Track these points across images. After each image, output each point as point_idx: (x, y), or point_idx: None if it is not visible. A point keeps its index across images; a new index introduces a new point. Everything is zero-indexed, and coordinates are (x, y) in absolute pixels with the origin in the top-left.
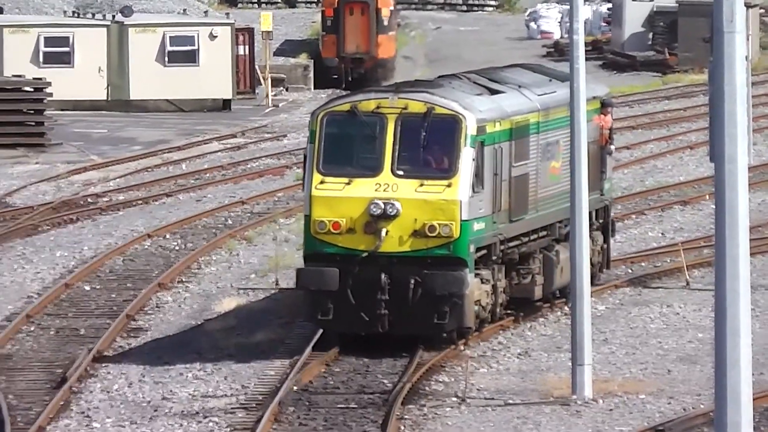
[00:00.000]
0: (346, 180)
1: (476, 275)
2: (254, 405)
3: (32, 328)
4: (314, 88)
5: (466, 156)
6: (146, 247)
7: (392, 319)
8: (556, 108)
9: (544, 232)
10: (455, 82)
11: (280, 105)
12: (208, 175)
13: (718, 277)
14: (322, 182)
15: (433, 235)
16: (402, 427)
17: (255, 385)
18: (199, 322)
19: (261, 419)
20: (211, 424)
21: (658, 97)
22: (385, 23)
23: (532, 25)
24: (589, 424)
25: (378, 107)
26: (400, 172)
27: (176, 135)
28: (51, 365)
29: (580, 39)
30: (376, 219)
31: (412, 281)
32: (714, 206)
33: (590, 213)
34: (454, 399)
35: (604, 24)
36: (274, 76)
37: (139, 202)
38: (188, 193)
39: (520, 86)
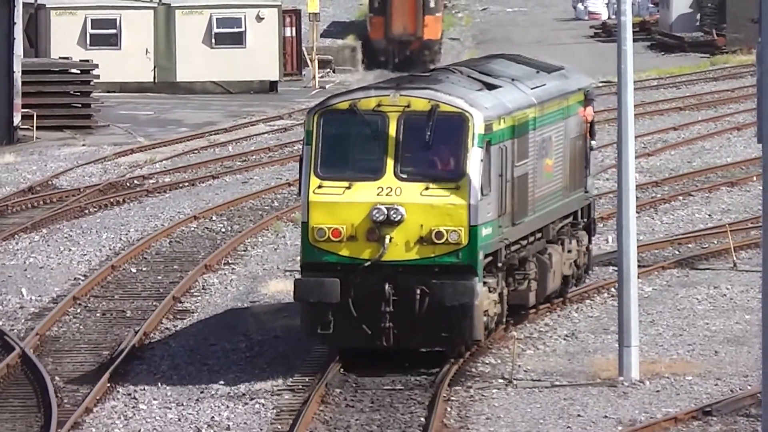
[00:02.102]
0: (346, 184)
1: (484, 284)
2: (301, 387)
3: (79, 311)
4: (363, 70)
5: (475, 156)
6: (192, 229)
7: (397, 333)
8: (549, 102)
9: (539, 234)
10: (452, 76)
11: (327, 87)
12: (254, 156)
13: (765, 259)
14: (320, 186)
15: (441, 241)
16: (449, 409)
17: (301, 367)
18: (246, 304)
19: (308, 401)
20: (257, 406)
21: (706, 78)
22: (432, 4)
23: (580, 6)
24: (636, 405)
25: (379, 105)
26: (404, 175)
27: (223, 117)
28: (97, 347)
29: (628, 20)
30: (379, 225)
31: (419, 292)
32: (762, 187)
33: (575, 212)
34: (501, 381)
35: (652, 5)
36: (321, 58)
37: (186, 184)
38: (235, 175)
39: (513, 80)
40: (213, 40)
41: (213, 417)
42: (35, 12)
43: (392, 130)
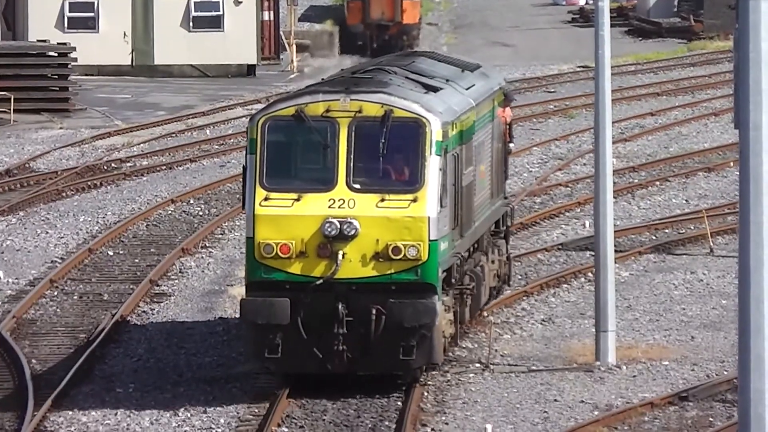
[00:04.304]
0: (294, 196)
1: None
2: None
3: (56, 293)
4: (339, 55)
5: (433, 165)
6: (170, 212)
7: (351, 356)
8: (482, 104)
9: (476, 246)
10: (394, 77)
11: (305, 71)
12: (232, 140)
13: (742, 244)
14: (266, 199)
15: (398, 257)
16: (425, 393)
17: None
18: (223, 288)
19: (283, 385)
20: (234, 389)
21: (683, 63)
22: None
23: None
24: (612, 390)
25: (328, 111)
26: (357, 186)
27: (201, 100)
28: (74, 330)
29: (606, 5)
30: (332, 240)
31: (375, 312)
32: (738, 173)
33: (497, 221)
34: (478, 365)
35: None
36: (298, 42)
37: (163, 167)
38: (212, 159)
39: (447, 80)
40: (191, 24)
41: (190, 400)
42: None
43: (343, 138)
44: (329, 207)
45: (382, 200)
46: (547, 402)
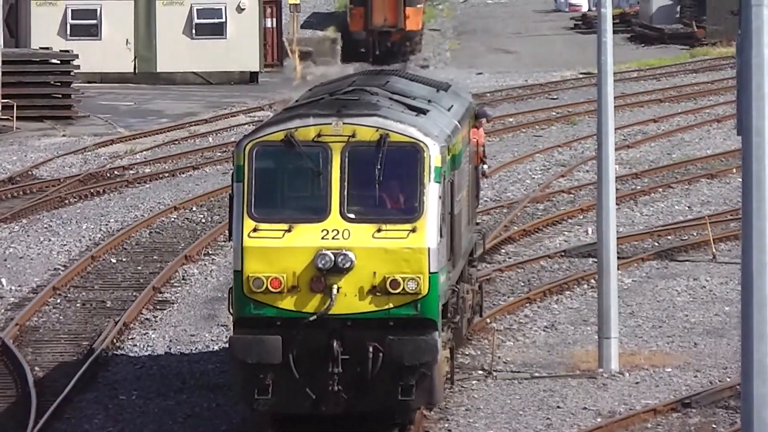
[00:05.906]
0: (285, 226)
1: None
2: None
3: (58, 301)
4: (342, 62)
5: (432, 193)
6: (173, 219)
7: (346, 397)
8: (463, 126)
9: (460, 276)
10: (380, 99)
11: (308, 78)
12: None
13: (744, 250)
14: (255, 230)
15: (397, 291)
16: None
17: None
18: (226, 295)
19: None
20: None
21: (685, 70)
22: None
23: None
24: (615, 396)
25: (319, 135)
26: (352, 215)
27: (203, 107)
28: (77, 338)
29: (608, 12)
30: (325, 274)
31: (372, 349)
32: (741, 179)
33: (471, 250)
34: (481, 372)
35: None
36: (301, 49)
37: (166, 174)
38: (215, 166)
39: (429, 101)
40: (193, 31)
41: (193, 407)
42: (16, 2)
43: (336, 164)
44: (322, 238)
45: (379, 230)
46: (549, 409)
